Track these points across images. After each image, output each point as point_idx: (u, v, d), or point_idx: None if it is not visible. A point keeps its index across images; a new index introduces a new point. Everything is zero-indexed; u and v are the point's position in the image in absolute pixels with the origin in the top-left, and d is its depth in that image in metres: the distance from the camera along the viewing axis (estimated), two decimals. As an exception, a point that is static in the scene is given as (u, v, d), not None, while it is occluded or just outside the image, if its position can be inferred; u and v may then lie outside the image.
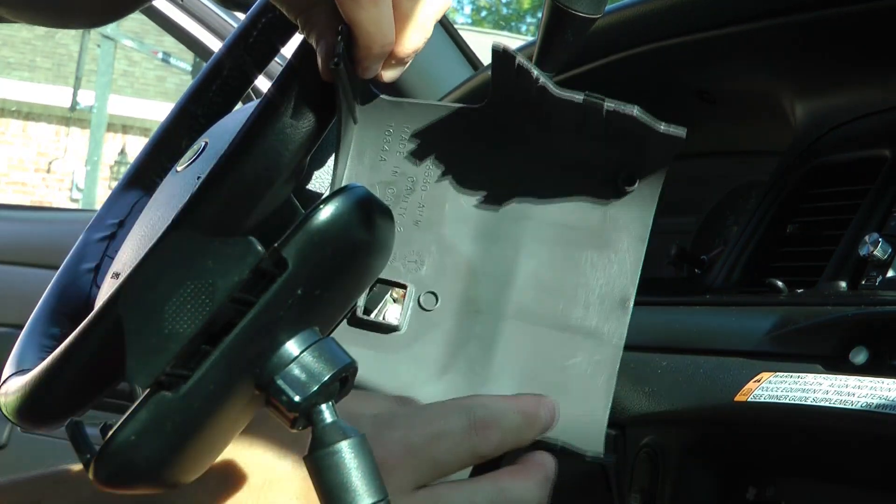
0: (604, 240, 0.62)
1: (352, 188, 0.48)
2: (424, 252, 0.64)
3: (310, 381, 0.48)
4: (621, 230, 0.62)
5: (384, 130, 0.66)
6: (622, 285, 0.61)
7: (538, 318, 0.62)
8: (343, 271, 0.49)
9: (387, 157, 0.66)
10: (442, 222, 0.65)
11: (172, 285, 0.45)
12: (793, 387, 0.76)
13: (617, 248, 0.62)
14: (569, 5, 0.70)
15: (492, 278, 0.63)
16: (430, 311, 0.63)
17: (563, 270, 0.62)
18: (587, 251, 0.62)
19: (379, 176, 0.66)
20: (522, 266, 0.63)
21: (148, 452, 0.46)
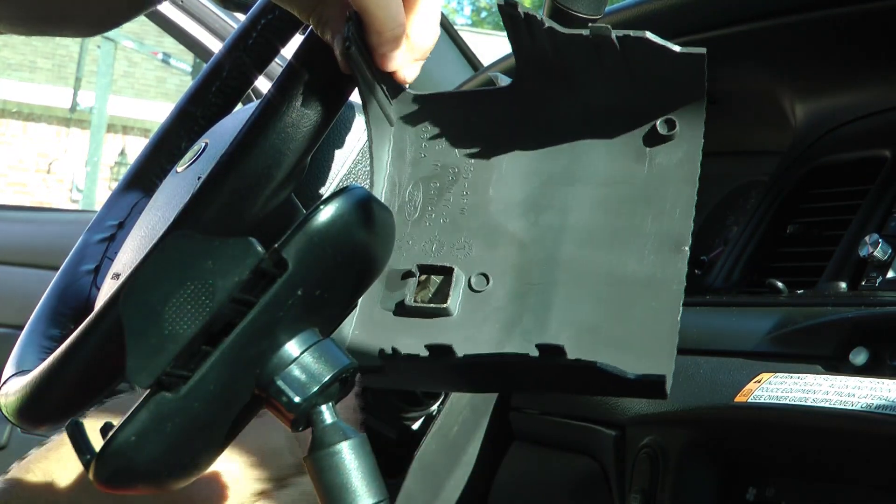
0: (652, 189, 0.60)
1: (352, 189, 0.48)
2: (472, 237, 0.63)
3: (310, 381, 0.48)
4: (668, 176, 0.60)
5: (421, 126, 0.65)
6: (676, 230, 0.59)
7: (593, 276, 0.59)
8: (343, 272, 0.49)
9: (427, 153, 0.65)
10: (487, 205, 0.63)
11: (173, 286, 0.45)
12: (793, 387, 0.76)
13: (665, 194, 0.60)
14: (569, 6, 0.70)
15: (541, 247, 0.61)
16: (481, 291, 0.61)
17: (614, 226, 0.60)
18: (637, 204, 0.60)
19: (421, 172, 0.65)
20: (571, 229, 0.61)
21: (148, 453, 0.46)
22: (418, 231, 0.64)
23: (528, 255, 0.61)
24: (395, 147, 0.65)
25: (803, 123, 1.04)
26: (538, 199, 0.62)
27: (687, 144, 0.59)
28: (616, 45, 0.57)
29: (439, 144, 0.65)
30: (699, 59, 0.56)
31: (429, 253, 0.63)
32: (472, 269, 0.62)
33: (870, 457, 0.75)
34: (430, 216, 0.64)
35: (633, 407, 0.90)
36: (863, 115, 0.99)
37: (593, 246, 0.60)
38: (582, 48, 0.58)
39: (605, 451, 0.94)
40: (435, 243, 0.63)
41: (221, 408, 0.47)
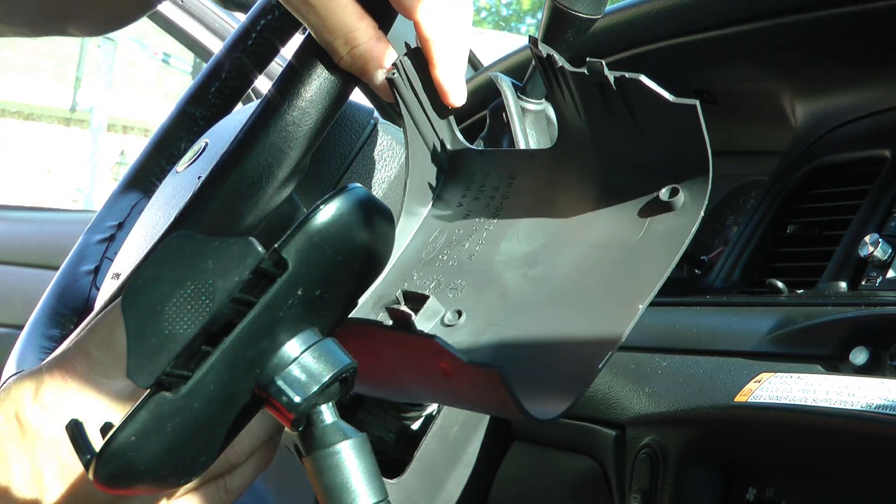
0: (637, 253, 0.59)
1: (352, 188, 0.48)
2: (468, 281, 0.64)
3: (310, 381, 0.48)
4: (657, 242, 0.59)
5: (467, 180, 0.67)
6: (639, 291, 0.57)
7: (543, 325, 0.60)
8: (344, 271, 0.49)
9: (463, 204, 0.67)
10: (494, 255, 0.64)
11: (173, 286, 0.45)
12: (793, 387, 0.76)
13: (647, 257, 0.59)
14: (569, 6, 0.70)
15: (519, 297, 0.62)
16: (451, 325, 0.62)
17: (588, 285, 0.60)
18: (618, 266, 0.59)
19: (451, 220, 0.66)
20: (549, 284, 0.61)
21: (148, 453, 0.46)
22: (426, 270, 0.66)
23: (504, 302, 0.62)
24: (441, 195, 0.67)
25: (803, 123, 1.04)
26: (537, 254, 0.63)
27: (686, 217, 0.58)
28: (613, 85, 0.56)
29: (477, 197, 0.66)
30: (692, 110, 0.55)
31: (424, 289, 0.65)
32: (453, 307, 0.63)
33: (870, 457, 0.75)
34: (442, 259, 0.66)
35: (633, 407, 0.90)
36: (863, 115, 0.99)
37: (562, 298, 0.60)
38: (591, 90, 0.58)
39: (605, 451, 0.94)
40: (434, 282, 0.65)
41: (221, 408, 0.48)
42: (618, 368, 0.93)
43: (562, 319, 0.59)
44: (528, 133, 0.79)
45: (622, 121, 0.58)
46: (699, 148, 0.56)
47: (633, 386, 0.90)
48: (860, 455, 0.75)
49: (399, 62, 0.63)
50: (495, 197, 0.66)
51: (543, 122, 0.78)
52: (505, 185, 0.66)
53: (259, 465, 0.61)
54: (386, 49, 0.62)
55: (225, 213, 0.64)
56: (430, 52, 0.61)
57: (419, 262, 0.66)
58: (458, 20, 0.61)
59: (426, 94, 0.64)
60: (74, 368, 0.55)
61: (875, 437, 0.71)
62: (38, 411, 0.54)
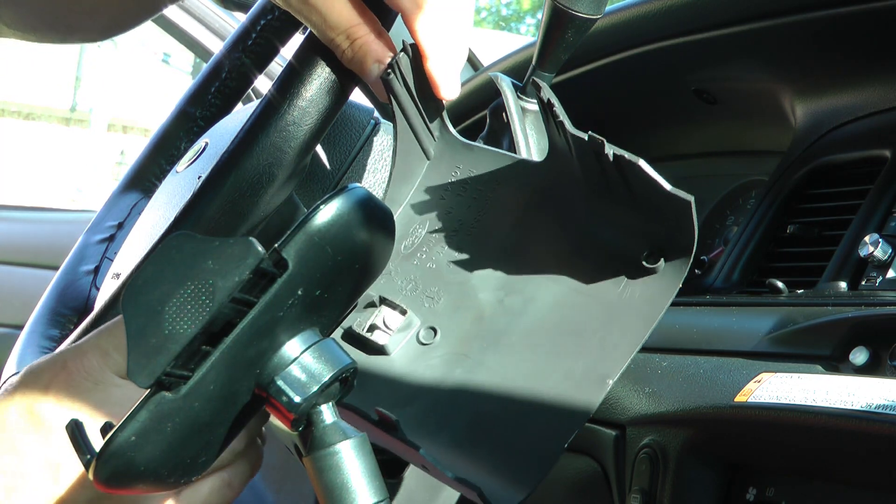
0: (613, 314, 0.59)
1: (352, 188, 0.48)
2: (445, 291, 0.64)
3: (310, 381, 0.48)
4: (632, 309, 0.58)
5: (451, 171, 0.67)
6: (610, 364, 0.58)
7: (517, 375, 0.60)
8: (344, 271, 0.49)
9: (446, 197, 0.67)
10: (471, 269, 0.64)
11: (173, 286, 0.45)
12: (793, 387, 0.76)
13: (621, 324, 0.58)
14: (569, 6, 0.70)
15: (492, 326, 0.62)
16: (426, 344, 0.63)
17: (561, 333, 0.60)
18: (593, 321, 0.59)
19: (434, 211, 0.66)
20: (524, 321, 0.61)
21: (148, 453, 0.46)
22: (404, 266, 0.66)
23: (478, 328, 0.62)
24: (423, 181, 0.67)
25: (803, 123, 1.04)
26: (515, 279, 0.63)
27: (663, 286, 0.58)
28: (611, 160, 0.56)
29: (460, 193, 0.66)
30: (686, 205, 0.55)
31: (402, 290, 0.65)
32: (429, 321, 0.63)
33: (870, 457, 0.75)
34: (421, 257, 0.66)
35: (633, 407, 0.90)
36: (863, 115, 0.99)
37: (534, 345, 0.61)
38: (588, 151, 0.58)
39: (605, 451, 0.94)
40: (411, 283, 0.65)
41: (221, 408, 0.47)
42: (618, 368, 0.93)
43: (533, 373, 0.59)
44: (528, 133, 0.79)
45: (615, 185, 0.59)
46: (688, 232, 0.56)
47: (633, 386, 0.90)
48: (860, 455, 0.75)
49: (395, 61, 0.63)
50: (478, 199, 0.66)
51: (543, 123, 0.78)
52: (490, 188, 0.66)
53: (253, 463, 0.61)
54: (386, 44, 0.62)
55: (225, 214, 0.64)
56: (423, 45, 0.61)
57: (398, 255, 0.66)
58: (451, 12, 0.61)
59: (419, 89, 0.64)
60: (90, 365, 0.55)
61: (875, 437, 0.71)
62: (51, 404, 0.54)
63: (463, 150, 0.66)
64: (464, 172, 0.66)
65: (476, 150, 0.66)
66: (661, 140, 1.27)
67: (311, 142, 0.64)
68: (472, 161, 0.66)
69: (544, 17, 0.73)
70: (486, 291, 0.63)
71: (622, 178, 0.57)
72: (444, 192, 0.67)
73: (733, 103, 1.14)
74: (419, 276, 0.65)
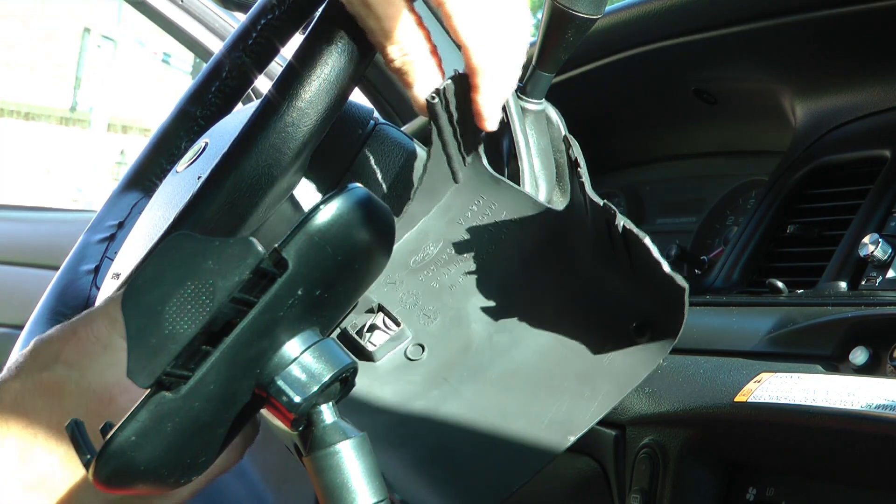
0: (591, 375, 0.60)
1: (352, 188, 0.48)
2: (441, 312, 0.65)
3: (310, 381, 0.48)
4: (610, 374, 0.60)
5: (475, 199, 0.68)
6: (577, 422, 0.59)
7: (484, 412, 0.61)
8: (344, 271, 0.49)
9: (463, 223, 0.68)
10: (470, 298, 0.65)
11: (173, 286, 0.45)
12: (793, 387, 0.76)
13: (597, 389, 0.60)
14: (569, 6, 0.70)
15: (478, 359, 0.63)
16: (413, 360, 0.64)
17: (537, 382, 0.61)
18: (570, 377, 0.61)
19: (449, 234, 0.67)
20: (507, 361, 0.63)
21: (148, 453, 0.46)
22: (409, 280, 0.67)
23: (462, 358, 0.63)
24: (446, 203, 0.68)
25: (803, 123, 1.04)
26: (508, 318, 0.64)
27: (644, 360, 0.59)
28: (620, 231, 0.58)
29: (476, 221, 0.68)
30: (680, 290, 0.56)
31: (402, 302, 0.66)
32: (420, 338, 0.65)
33: (870, 457, 0.75)
34: (427, 274, 0.67)
35: (633, 407, 0.90)
36: (863, 115, 0.99)
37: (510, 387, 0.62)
38: (601, 216, 0.59)
39: (605, 451, 0.94)
40: (412, 297, 0.66)
41: (221, 408, 0.47)
42: (618, 368, 0.93)
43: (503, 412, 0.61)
44: (528, 133, 0.79)
45: (620, 254, 0.60)
46: (678, 315, 0.57)
47: (633, 386, 0.90)
48: (860, 455, 0.75)
49: (442, 88, 0.64)
50: (493, 232, 0.67)
51: (543, 122, 0.78)
52: (506, 225, 0.67)
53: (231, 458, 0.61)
54: (436, 66, 0.64)
55: (224, 215, 0.64)
56: (476, 79, 0.63)
57: (406, 268, 0.67)
58: (509, 53, 0.63)
59: (461, 117, 0.66)
60: (99, 330, 0.57)
61: (875, 437, 0.71)
62: (61, 368, 0.56)
63: (490, 182, 0.68)
64: (486, 204, 0.68)
65: (503, 186, 0.68)
66: (661, 140, 1.27)
67: (310, 143, 0.64)
68: (497, 195, 0.67)
69: (544, 17, 0.73)
70: (479, 323, 0.65)
71: (627, 249, 0.59)
72: (462, 218, 0.68)
73: (733, 103, 1.14)
74: (421, 293, 0.66)
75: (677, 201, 1.25)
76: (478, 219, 0.68)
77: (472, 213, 0.68)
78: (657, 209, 1.26)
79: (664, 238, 1.21)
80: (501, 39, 0.62)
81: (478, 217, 0.68)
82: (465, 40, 0.62)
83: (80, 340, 0.57)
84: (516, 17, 0.63)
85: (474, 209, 0.68)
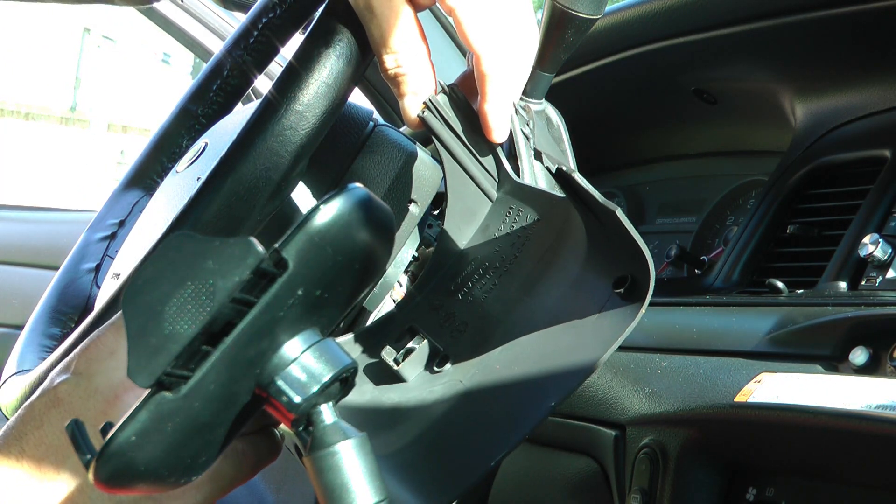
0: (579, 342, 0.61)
1: (351, 188, 0.48)
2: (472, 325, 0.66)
3: (310, 381, 0.48)
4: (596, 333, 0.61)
5: (507, 211, 0.68)
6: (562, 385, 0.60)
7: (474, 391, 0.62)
8: (344, 271, 0.49)
9: (498, 235, 0.68)
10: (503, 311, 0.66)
11: (173, 286, 0.45)
12: (793, 387, 0.76)
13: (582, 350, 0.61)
14: (569, 6, 0.70)
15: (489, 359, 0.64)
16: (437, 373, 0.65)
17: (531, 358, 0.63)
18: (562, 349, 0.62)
19: (485, 252, 0.67)
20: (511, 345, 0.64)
21: (148, 453, 0.46)
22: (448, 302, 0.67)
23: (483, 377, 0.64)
24: (484, 223, 0.68)
25: (803, 123, 1.04)
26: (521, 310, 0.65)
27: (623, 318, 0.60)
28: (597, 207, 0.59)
29: (509, 233, 0.68)
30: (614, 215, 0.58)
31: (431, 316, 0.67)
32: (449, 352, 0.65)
33: (870, 457, 0.75)
34: (464, 292, 0.67)
35: (633, 407, 0.90)
36: (863, 115, 0.99)
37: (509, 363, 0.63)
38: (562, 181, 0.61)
39: (605, 451, 0.94)
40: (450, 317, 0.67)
41: (221, 408, 0.47)
42: (618, 368, 0.93)
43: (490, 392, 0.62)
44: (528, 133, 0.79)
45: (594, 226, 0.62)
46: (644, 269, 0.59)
47: (633, 386, 0.90)
48: (860, 455, 0.75)
49: (432, 101, 0.64)
50: (521, 236, 0.67)
51: (543, 122, 0.78)
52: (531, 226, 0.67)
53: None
54: (431, 81, 0.64)
55: (222, 218, 0.64)
56: (485, 86, 0.63)
57: (446, 292, 0.67)
58: (518, 60, 0.63)
59: (465, 128, 0.66)
60: (106, 338, 0.59)
61: (875, 437, 0.71)
62: (71, 379, 0.58)
63: (516, 189, 0.68)
64: (515, 212, 0.68)
65: (525, 189, 0.67)
66: (661, 140, 1.27)
67: (308, 145, 0.64)
68: (523, 200, 0.67)
69: (544, 17, 0.73)
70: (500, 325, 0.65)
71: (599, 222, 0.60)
72: (497, 231, 0.68)
73: (733, 103, 1.14)
74: (456, 310, 0.67)
75: (677, 201, 1.25)
76: (509, 228, 0.68)
77: (505, 224, 0.68)
78: (657, 209, 1.27)
79: (664, 238, 1.21)
80: (512, 47, 0.63)
81: (509, 227, 0.68)
82: (476, 47, 0.62)
83: (89, 350, 0.59)
84: (526, 25, 0.63)
85: (507, 220, 0.68)
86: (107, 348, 0.59)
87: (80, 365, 0.59)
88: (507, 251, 0.67)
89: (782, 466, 0.82)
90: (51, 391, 0.58)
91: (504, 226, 0.68)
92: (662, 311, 0.96)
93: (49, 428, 0.57)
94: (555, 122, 0.79)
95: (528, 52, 0.64)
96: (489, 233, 0.68)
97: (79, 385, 0.58)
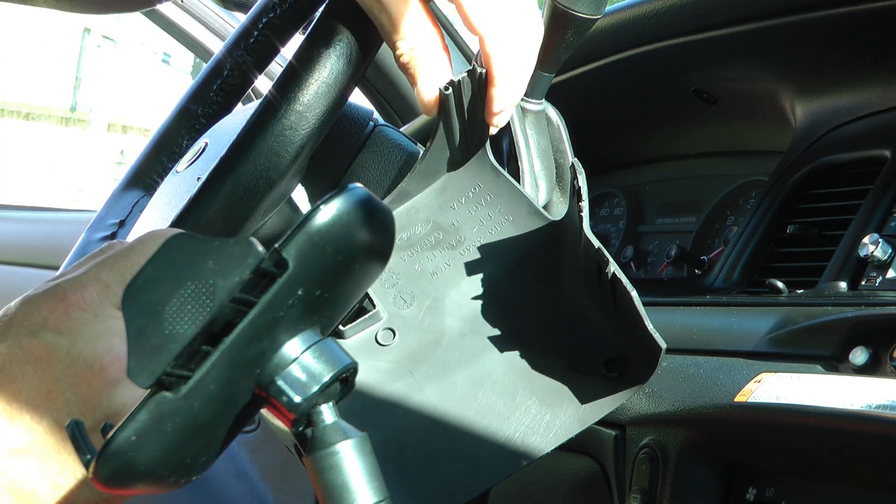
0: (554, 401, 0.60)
1: (352, 188, 0.48)
2: (418, 299, 0.65)
3: (310, 381, 0.48)
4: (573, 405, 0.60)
5: (472, 185, 0.67)
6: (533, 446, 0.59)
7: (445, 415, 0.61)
8: (344, 271, 0.49)
9: (456, 207, 0.67)
10: (451, 287, 0.65)
11: (173, 286, 0.45)
12: (793, 387, 0.76)
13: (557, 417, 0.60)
14: (569, 6, 0.70)
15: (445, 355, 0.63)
16: (382, 345, 0.64)
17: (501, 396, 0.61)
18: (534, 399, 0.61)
19: (439, 217, 0.67)
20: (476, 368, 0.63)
21: (148, 453, 0.46)
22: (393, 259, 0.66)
23: (432, 352, 0.63)
24: (442, 184, 0.67)
25: (803, 123, 1.04)
26: (483, 324, 0.64)
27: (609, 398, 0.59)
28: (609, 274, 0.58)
29: (470, 211, 0.67)
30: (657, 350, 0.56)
31: (381, 281, 0.66)
32: (393, 322, 0.64)
33: (870, 457, 0.75)
34: (410, 255, 0.67)
35: (633, 407, 0.90)
36: (863, 115, 0.99)
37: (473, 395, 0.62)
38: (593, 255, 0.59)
39: (605, 451, 0.94)
40: (392, 278, 0.66)
41: (222, 408, 0.47)
42: (618, 368, 0.93)
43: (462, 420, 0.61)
44: (528, 133, 0.79)
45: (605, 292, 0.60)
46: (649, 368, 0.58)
47: (633, 386, 0.90)
48: (860, 455, 0.75)
49: (458, 81, 0.63)
50: (484, 225, 0.66)
51: (543, 122, 0.78)
52: (499, 221, 0.66)
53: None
54: (446, 65, 0.63)
55: (222, 218, 0.64)
56: (491, 67, 0.62)
57: None
58: (524, 42, 0.63)
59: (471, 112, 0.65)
60: (90, 297, 0.55)
61: (875, 437, 0.72)
62: (50, 334, 0.54)
63: (490, 172, 0.67)
64: (482, 193, 0.67)
65: (501, 179, 0.67)
66: (661, 140, 1.27)
67: (308, 146, 0.64)
68: (495, 187, 0.67)
69: (544, 17, 0.73)
70: (453, 319, 0.64)
71: (613, 293, 0.59)
72: (455, 203, 0.67)
73: (733, 103, 1.14)
74: (401, 273, 0.66)
75: (677, 201, 1.25)
76: (471, 207, 0.67)
77: (467, 199, 0.67)
78: (657, 209, 1.27)
79: (664, 238, 1.21)
80: (516, 25, 0.62)
81: (472, 205, 0.67)
82: (478, 27, 0.61)
83: (70, 306, 0.55)
84: (527, 4, 0.63)
85: (469, 195, 0.67)
86: (91, 308, 0.55)
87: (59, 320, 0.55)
88: (465, 233, 0.66)
89: (782, 466, 0.82)
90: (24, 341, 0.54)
91: (466, 200, 0.67)
92: (662, 311, 0.96)
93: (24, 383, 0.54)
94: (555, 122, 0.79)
95: (532, 30, 0.63)
96: (446, 198, 0.67)
97: (59, 346, 0.54)
